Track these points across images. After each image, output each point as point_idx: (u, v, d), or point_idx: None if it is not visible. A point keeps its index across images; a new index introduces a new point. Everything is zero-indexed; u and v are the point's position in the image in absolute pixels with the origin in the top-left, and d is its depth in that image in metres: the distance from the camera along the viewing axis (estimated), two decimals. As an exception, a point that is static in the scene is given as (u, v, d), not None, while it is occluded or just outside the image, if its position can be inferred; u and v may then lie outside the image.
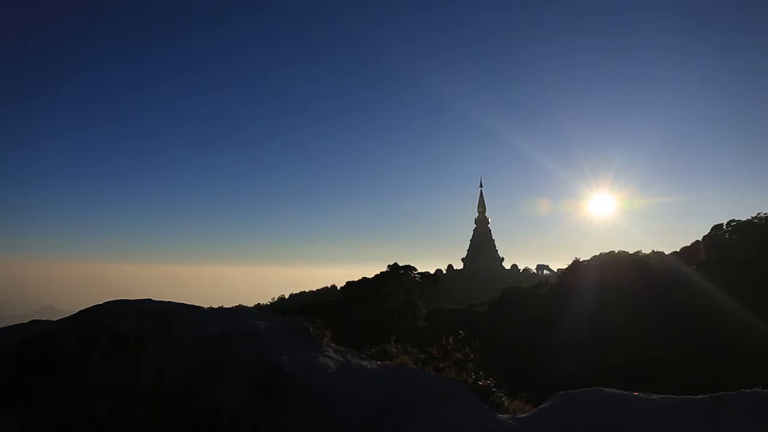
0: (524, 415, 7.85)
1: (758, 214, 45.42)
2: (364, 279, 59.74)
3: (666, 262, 47.33)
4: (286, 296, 63.72)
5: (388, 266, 58.50)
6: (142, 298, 10.52)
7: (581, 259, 54.85)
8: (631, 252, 50.53)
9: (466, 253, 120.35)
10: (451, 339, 10.08)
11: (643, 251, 52.16)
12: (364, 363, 9.10)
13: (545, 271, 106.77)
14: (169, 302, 10.52)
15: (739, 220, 47.54)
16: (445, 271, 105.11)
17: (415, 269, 59.10)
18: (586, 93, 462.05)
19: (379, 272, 59.09)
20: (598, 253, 51.77)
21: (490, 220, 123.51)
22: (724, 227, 48.64)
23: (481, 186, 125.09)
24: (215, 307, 11.81)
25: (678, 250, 51.58)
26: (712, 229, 49.45)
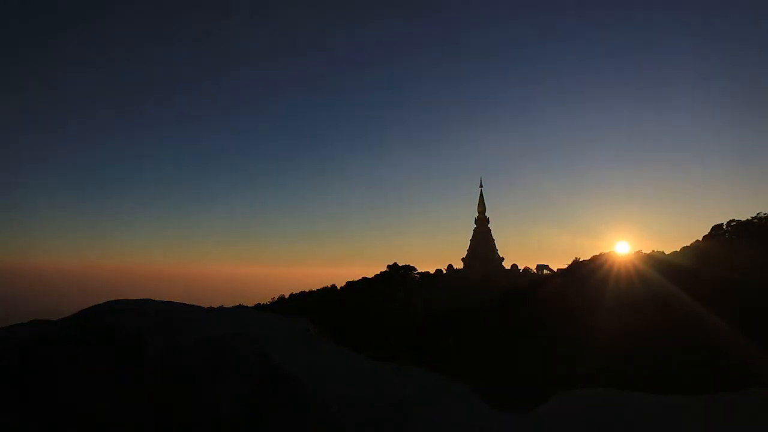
0: (524, 414, 7.86)
1: (758, 214, 45.44)
2: (364, 279, 59.82)
3: (666, 262, 47.35)
4: (286, 296, 63.75)
5: (388, 266, 58.62)
6: (142, 298, 10.55)
7: (581, 259, 54.94)
8: (631, 252, 50.65)
9: (466, 253, 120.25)
10: (450, 339, 10.09)
11: (643, 251, 52.28)
12: (364, 363, 9.11)
13: (545, 271, 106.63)
14: (169, 302, 10.54)
15: (739, 220, 47.57)
16: (445, 271, 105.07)
17: (415, 269, 59.23)
18: (583, 92, 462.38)
19: (379, 272, 59.18)
20: (598, 253, 51.88)
21: (490, 220, 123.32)
22: (724, 227, 48.65)
23: (481, 186, 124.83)
24: (215, 307, 11.84)
25: (678, 250, 51.61)
26: (712, 229, 49.47)
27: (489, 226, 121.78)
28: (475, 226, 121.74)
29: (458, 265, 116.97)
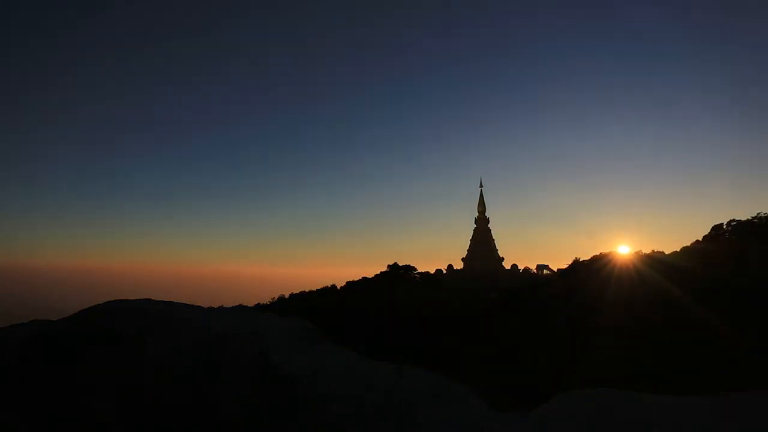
0: (524, 414, 7.85)
1: (758, 214, 45.38)
2: (364, 279, 59.69)
3: (666, 262, 47.31)
4: (286, 296, 63.66)
5: (388, 266, 58.51)
6: (142, 298, 10.55)
7: (581, 259, 54.86)
8: (631, 252, 50.66)
9: (466, 253, 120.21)
10: (450, 339, 10.08)
11: (643, 251, 52.24)
12: (364, 363, 9.11)
13: (545, 271, 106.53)
14: (169, 302, 10.55)
15: (739, 220, 47.52)
16: (445, 271, 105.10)
17: (415, 269, 59.13)
18: (583, 92, 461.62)
19: (379, 272, 59.09)
20: (598, 253, 51.81)
21: (490, 220, 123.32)
22: (724, 227, 48.58)
23: (481, 186, 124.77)
24: (215, 307, 11.84)
25: (678, 250, 51.55)
26: (712, 229, 49.34)
27: (489, 226, 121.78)
28: (475, 226, 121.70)
29: (458, 265, 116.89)
